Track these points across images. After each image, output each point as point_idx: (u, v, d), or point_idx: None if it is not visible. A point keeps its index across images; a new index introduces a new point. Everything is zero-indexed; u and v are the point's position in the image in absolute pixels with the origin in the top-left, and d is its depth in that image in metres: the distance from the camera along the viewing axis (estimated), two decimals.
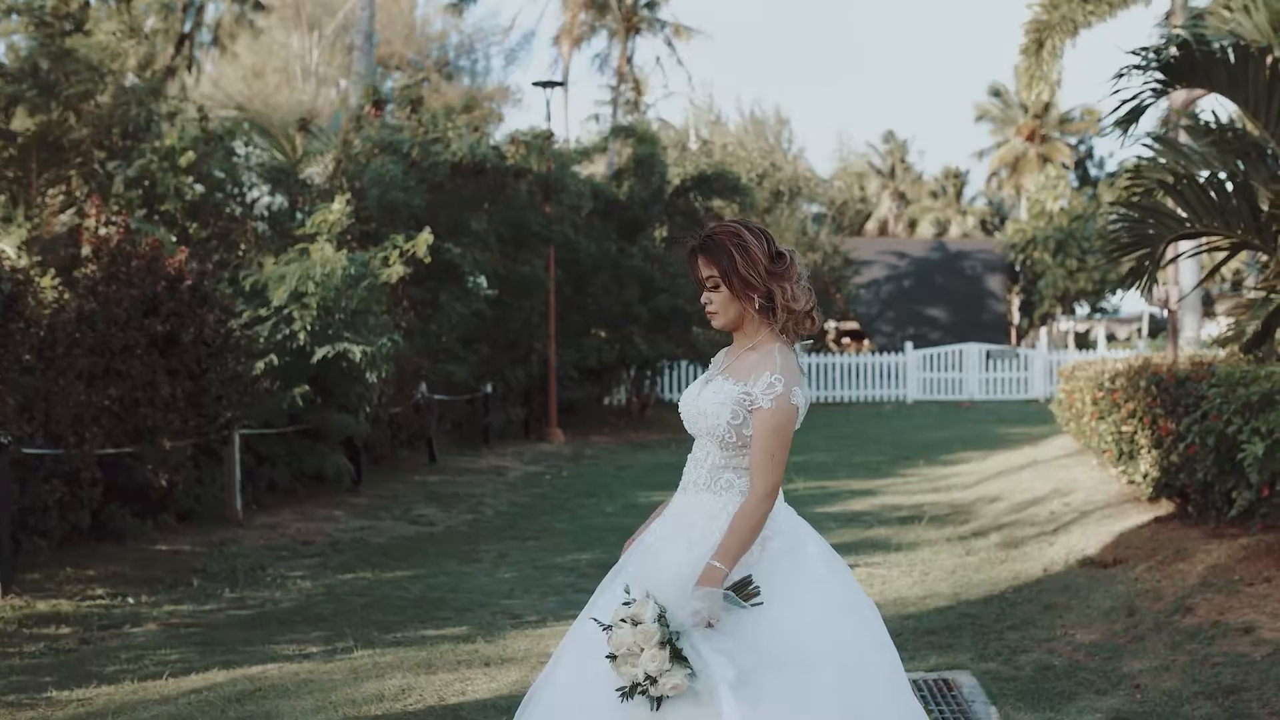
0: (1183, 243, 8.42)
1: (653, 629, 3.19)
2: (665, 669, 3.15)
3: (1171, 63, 7.28)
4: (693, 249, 3.65)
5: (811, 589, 3.53)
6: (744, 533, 3.44)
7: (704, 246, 3.60)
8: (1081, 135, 49.48)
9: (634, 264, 21.91)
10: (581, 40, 31.79)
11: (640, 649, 3.17)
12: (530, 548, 10.35)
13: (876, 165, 53.20)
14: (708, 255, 3.59)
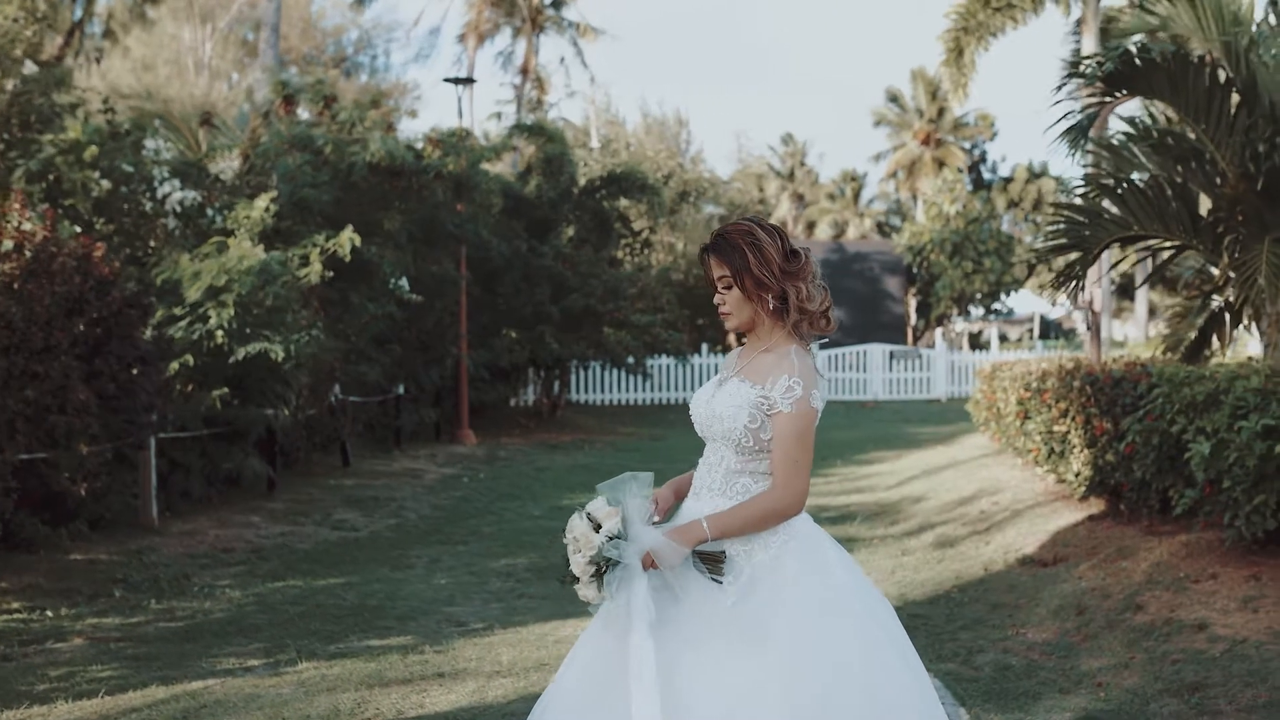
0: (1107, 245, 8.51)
1: (595, 541, 3.27)
2: (585, 579, 3.30)
3: (1114, 72, 7.37)
4: (704, 248, 3.54)
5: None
6: (752, 517, 3.34)
7: (716, 245, 3.49)
8: (975, 140, 50.52)
9: (545, 263, 21.70)
10: (487, 37, 31.43)
11: (579, 550, 3.30)
12: (462, 552, 10.13)
13: (775, 167, 53.64)
14: (720, 254, 3.47)
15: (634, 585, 3.29)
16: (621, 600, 3.30)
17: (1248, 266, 7.24)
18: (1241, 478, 6.59)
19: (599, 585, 3.30)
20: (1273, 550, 6.98)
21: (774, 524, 3.38)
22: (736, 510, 3.36)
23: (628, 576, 3.28)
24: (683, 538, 3.31)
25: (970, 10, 15.46)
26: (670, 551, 3.29)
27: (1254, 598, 6.44)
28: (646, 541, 3.29)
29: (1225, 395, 6.78)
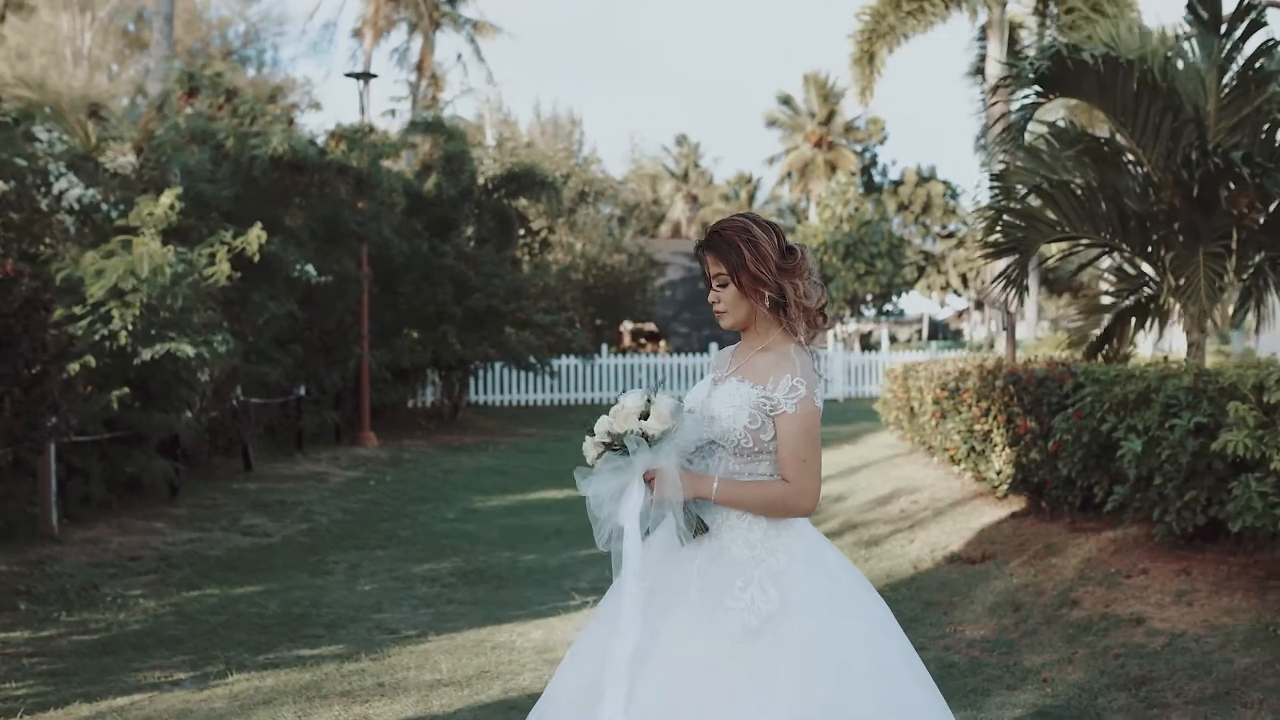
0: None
1: (631, 424, 3.26)
2: (595, 442, 3.30)
3: (1047, 74, 7.47)
4: (699, 245, 3.45)
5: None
6: (760, 500, 3.26)
7: (711, 242, 3.41)
8: (866, 143, 51.33)
9: (447, 263, 21.39)
10: (384, 33, 30.93)
11: (614, 418, 3.29)
12: (381, 557, 9.88)
13: (670, 168, 53.84)
14: (715, 251, 3.39)
15: (629, 496, 3.24)
16: (610, 492, 3.28)
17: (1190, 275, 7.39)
18: (1173, 474, 6.72)
19: (598, 455, 3.28)
20: (1199, 545, 7.13)
21: (779, 514, 3.29)
22: (749, 487, 3.28)
23: (626, 475, 3.24)
24: (689, 482, 3.25)
25: (881, 13, 15.65)
26: (673, 484, 3.23)
27: (1187, 591, 6.57)
28: (662, 460, 3.23)
29: (1156, 394, 6.91)
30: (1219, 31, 7.68)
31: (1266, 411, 6.10)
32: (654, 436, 3.25)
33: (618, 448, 3.26)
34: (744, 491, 3.29)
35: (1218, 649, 5.76)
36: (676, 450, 3.28)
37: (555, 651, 6.78)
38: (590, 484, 3.31)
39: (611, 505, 3.30)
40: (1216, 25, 7.70)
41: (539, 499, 13.34)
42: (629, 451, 3.24)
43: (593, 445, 3.30)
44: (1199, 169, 7.23)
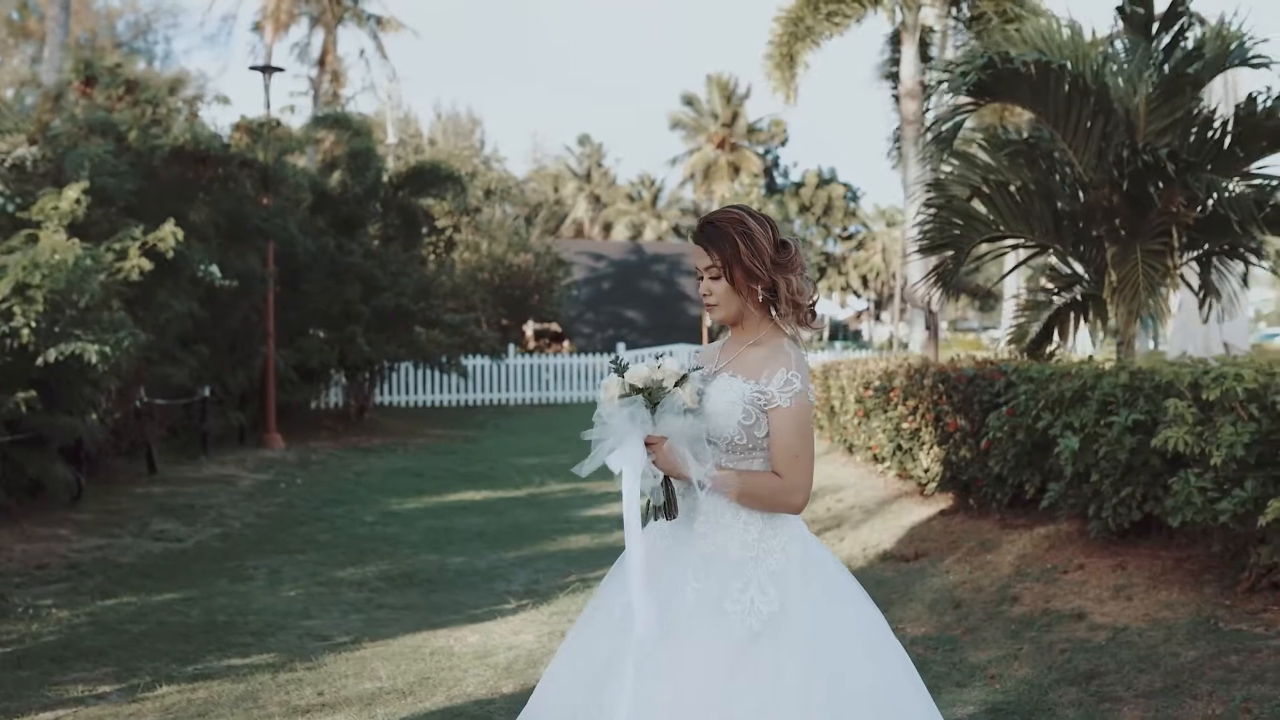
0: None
1: (653, 376, 3.22)
2: (615, 381, 3.27)
3: (981, 80, 7.53)
4: (693, 236, 3.37)
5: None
6: (752, 490, 3.19)
7: (704, 233, 3.33)
8: (768, 145, 51.75)
9: (354, 261, 21.00)
10: (286, 27, 30.27)
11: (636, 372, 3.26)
12: (303, 562, 9.60)
13: (573, 168, 53.69)
14: (709, 243, 3.31)
15: (633, 447, 3.19)
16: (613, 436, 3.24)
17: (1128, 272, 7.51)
18: (1110, 471, 6.82)
19: (621, 395, 3.24)
20: (1132, 540, 7.25)
21: (770, 509, 3.23)
22: (744, 475, 3.20)
23: (640, 427, 3.19)
24: (687, 461, 3.19)
25: (799, 15, 15.73)
26: (671, 453, 3.18)
27: (1124, 586, 6.66)
28: (667, 424, 3.18)
29: (1092, 391, 7.00)
30: (1148, 35, 7.84)
31: (1203, 409, 6.20)
32: (683, 407, 3.20)
33: (641, 400, 3.20)
34: (738, 480, 3.21)
35: (1162, 642, 5.84)
36: (688, 434, 3.21)
37: (495, 656, 6.64)
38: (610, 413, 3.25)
39: (614, 441, 3.22)
40: (1146, 29, 7.85)
41: (458, 501, 13.13)
42: (648, 406, 3.18)
43: (618, 384, 3.24)
44: (1129, 167, 7.36)
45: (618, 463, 3.21)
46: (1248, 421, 5.95)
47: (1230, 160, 7.66)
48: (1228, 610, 6.04)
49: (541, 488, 14.13)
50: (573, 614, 7.56)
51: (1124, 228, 7.75)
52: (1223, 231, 7.72)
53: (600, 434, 3.27)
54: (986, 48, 7.72)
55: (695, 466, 3.20)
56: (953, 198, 8.13)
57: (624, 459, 3.20)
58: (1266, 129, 7.48)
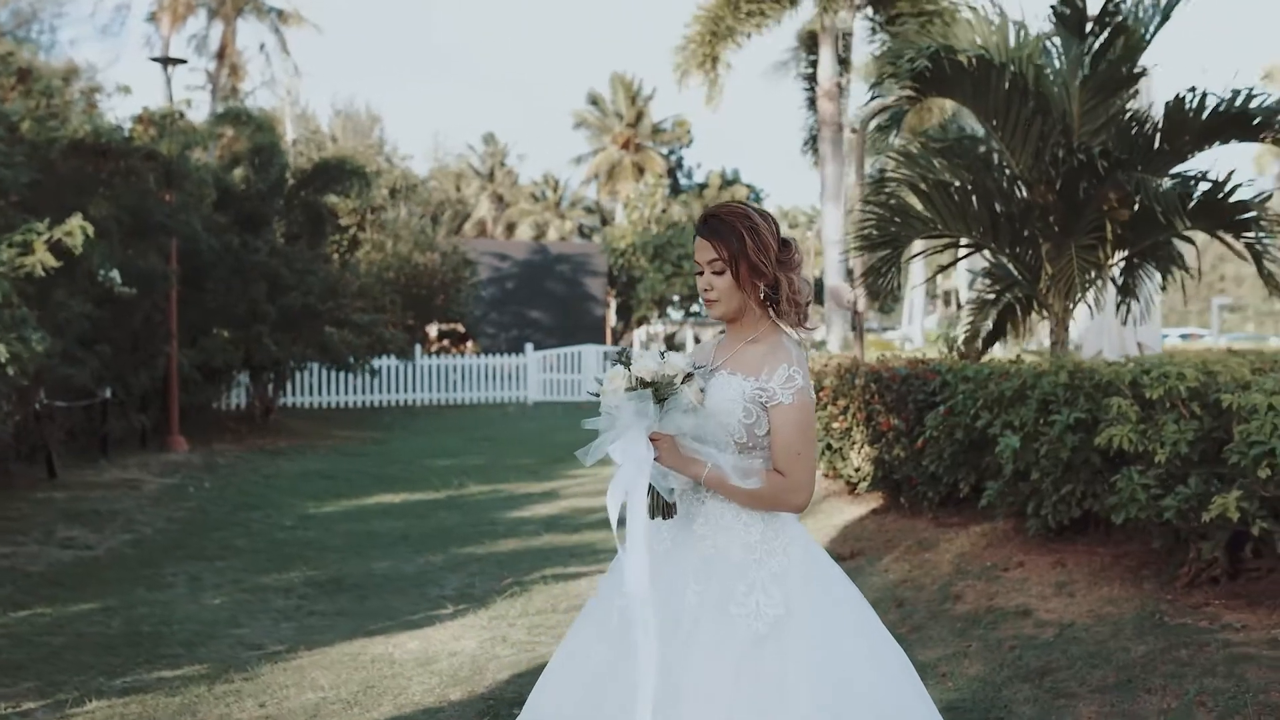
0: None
1: (659, 370, 3.13)
2: (620, 372, 3.15)
3: (925, 73, 7.58)
4: (698, 229, 3.29)
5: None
6: (761, 492, 3.10)
7: (711, 227, 3.24)
8: (672, 146, 51.88)
9: (259, 259, 20.48)
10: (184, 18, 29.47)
11: (643, 363, 3.16)
12: (223, 569, 9.30)
13: (476, 167, 53.24)
14: (715, 236, 3.22)
15: (637, 442, 3.08)
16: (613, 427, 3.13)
17: (1062, 268, 7.61)
18: (1050, 469, 6.89)
19: (626, 387, 3.12)
20: (1069, 537, 7.35)
21: (771, 508, 3.16)
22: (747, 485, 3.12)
23: (645, 421, 3.08)
24: (684, 458, 3.12)
25: (719, 14, 15.73)
26: (673, 450, 3.11)
27: (1066, 583, 6.74)
28: (673, 420, 3.10)
29: (1032, 390, 7.07)
30: (1081, 35, 7.96)
31: (1145, 407, 6.30)
32: (690, 404, 3.13)
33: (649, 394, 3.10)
34: (737, 486, 3.14)
35: (1110, 638, 5.91)
36: (693, 432, 3.15)
37: (438, 662, 6.48)
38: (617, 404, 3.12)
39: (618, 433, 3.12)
40: (1080, 30, 7.98)
41: (376, 504, 12.87)
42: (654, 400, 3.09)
43: (624, 376, 3.13)
44: (1064, 166, 7.46)
45: (621, 454, 3.11)
46: (1190, 419, 6.05)
47: (1160, 158, 7.83)
48: (1170, 605, 6.13)
49: (461, 490, 13.92)
50: (512, 618, 7.44)
51: (1059, 225, 7.87)
52: (1150, 230, 7.89)
53: (606, 424, 3.16)
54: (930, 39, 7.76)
55: (701, 464, 3.12)
56: (893, 195, 8.17)
57: (628, 451, 3.10)
58: (1193, 127, 7.65)
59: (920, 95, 7.93)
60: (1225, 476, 5.86)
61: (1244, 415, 5.64)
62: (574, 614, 7.52)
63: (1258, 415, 5.54)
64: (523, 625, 7.26)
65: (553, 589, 8.30)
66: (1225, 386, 5.92)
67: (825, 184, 16.79)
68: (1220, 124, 7.55)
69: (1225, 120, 7.52)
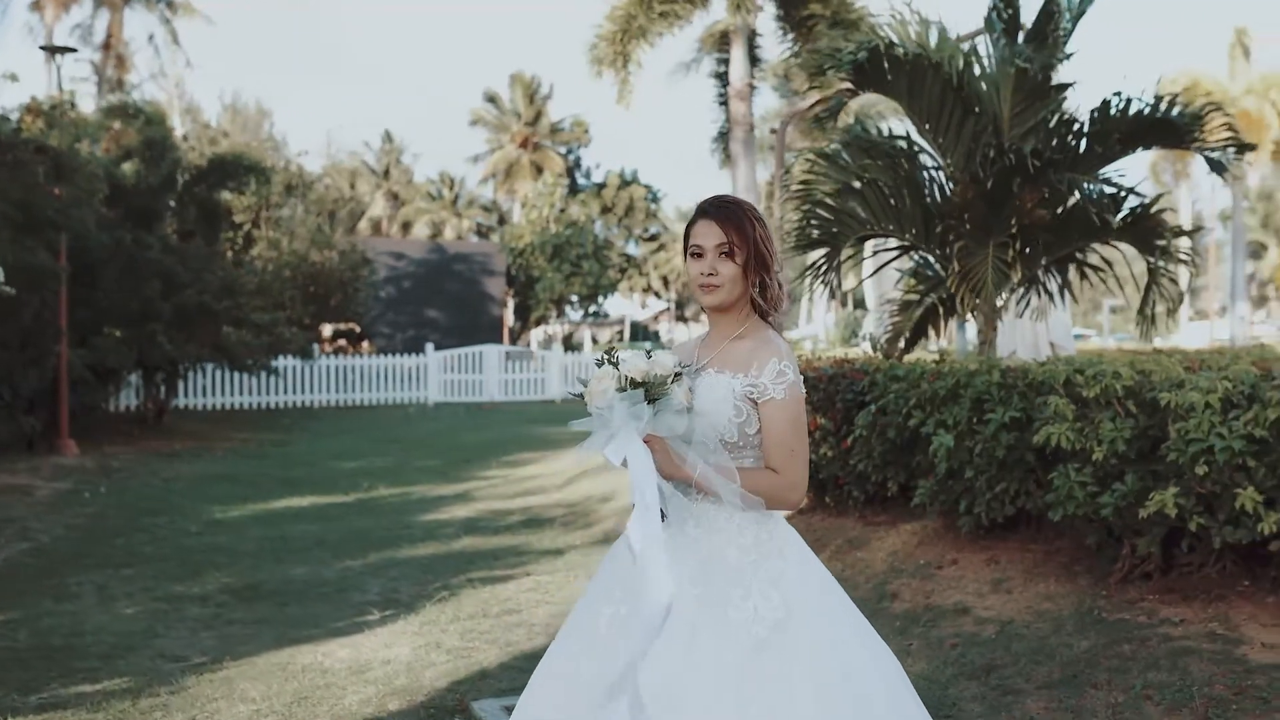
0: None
1: (649, 370, 3.04)
2: (608, 373, 3.07)
3: (864, 67, 7.59)
4: (705, 211, 3.19)
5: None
6: (758, 491, 3.03)
7: (724, 211, 3.17)
8: (571, 145, 51.72)
9: (152, 256, 19.85)
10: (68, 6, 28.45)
11: (632, 363, 3.07)
12: (132, 577, 8.94)
13: (370, 165, 52.43)
14: (728, 220, 3.15)
15: (626, 441, 2.99)
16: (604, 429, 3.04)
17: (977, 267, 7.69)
18: (984, 467, 6.96)
19: (616, 389, 3.02)
20: (1000, 534, 7.43)
21: (762, 507, 3.07)
22: (743, 473, 3.04)
23: (639, 424, 2.99)
24: (675, 459, 3.03)
25: (631, 13, 15.65)
26: (665, 452, 3.02)
27: (1002, 580, 6.81)
28: (664, 422, 3.00)
29: (965, 390, 7.13)
30: (1014, 40, 8.06)
31: (1080, 405, 6.39)
32: (681, 405, 3.04)
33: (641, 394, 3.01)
34: (708, 484, 3.05)
35: (1051, 634, 5.97)
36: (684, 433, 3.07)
37: (372, 671, 6.30)
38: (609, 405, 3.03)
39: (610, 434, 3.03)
40: (1013, 35, 8.08)
41: (286, 507, 12.53)
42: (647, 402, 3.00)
43: (614, 376, 3.03)
44: (995, 167, 7.56)
45: (617, 454, 3.00)
46: (1125, 417, 6.15)
47: (1087, 161, 7.96)
48: (1107, 601, 6.22)
49: (370, 493, 13.64)
50: (444, 624, 7.27)
51: (980, 226, 7.96)
52: (1076, 234, 8.03)
53: (598, 425, 3.06)
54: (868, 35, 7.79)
55: (696, 466, 3.04)
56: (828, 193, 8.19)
57: (624, 451, 3.00)
58: (1118, 132, 7.80)
59: (857, 90, 7.96)
60: (1161, 474, 5.96)
61: (1181, 413, 5.74)
62: (506, 618, 7.42)
63: (1196, 413, 5.64)
64: (455, 631, 7.10)
65: (481, 593, 8.15)
66: (1161, 385, 6.02)
67: (736, 183, 16.82)
68: (1144, 130, 7.72)
69: (1149, 126, 7.69)
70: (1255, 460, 5.50)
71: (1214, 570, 6.13)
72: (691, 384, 3.14)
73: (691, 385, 3.12)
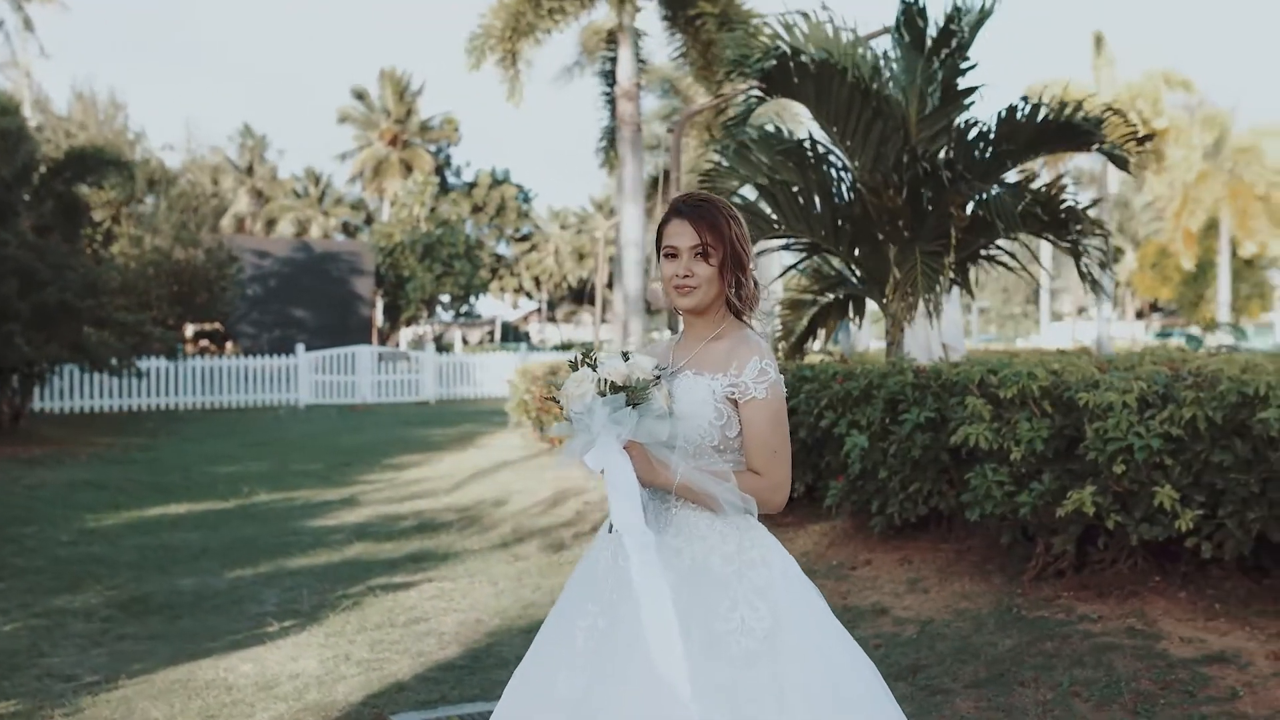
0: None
1: (630, 374, 2.95)
2: (590, 378, 2.97)
3: (772, 73, 7.58)
4: (679, 210, 3.08)
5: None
6: (719, 497, 2.93)
7: (700, 211, 3.07)
8: (441, 144, 51.05)
9: (8, 253, 18.90)
10: None
11: (612, 368, 2.98)
12: (5, 591, 8.42)
13: (233, 160, 50.97)
14: (703, 219, 3.05)
15: (605, 447, 2.89)
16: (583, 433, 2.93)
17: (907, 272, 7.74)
18: (898, 467, 7.00)
19: (596, 393, 2.91)
20: (911, 534, 7.49)
21: (762, 509, 2.98)
22: (711, 481, 2.94)
23: (623, 429, 2.88)
24: (656, 466, 2.93)
25: (518, 10, 15.43)
26: (644, 458, 2.92)
27: (917, 580, 6.85)
28: (646, 427, 2.90)
29: (878, 390, 7.16)
30: (923, 50, 8.15)
31: (996, 406, 6.46)
32: (657, 410, 2.94)
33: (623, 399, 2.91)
34: (711, 484, 2.95)
35: (973, 633, 6.02)
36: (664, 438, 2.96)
37: (280, 686, 6.04)
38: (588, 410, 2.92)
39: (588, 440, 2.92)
40: (921, 44, 8.17)
41: (162, 515, 12.01)
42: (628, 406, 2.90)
43: (593, 379, 2.93)
44: (909, 172, 7.62)
45: (597, 462, 2.88)
46: (1041, 417, 6.24)
47: (994, 164, 8.09)
48: (1023, 599, 6.30)
49: (250, 498, 13.17)
50: (351, 635, 7.02)
51: (906, 229, 8.03)
52: (984, 233, 8.15)
53: (578, 430, 2.93)
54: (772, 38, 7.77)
55: (678, 471, 2.93)
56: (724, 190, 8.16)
57: (603, 459, 2.89)
58: (1024, 135, 7.95)
59: (767, 95, 7.95)
60: (1077, 473, 6.07)
61: (1099, 413, 5.84)
62: (415, 628, 7.21)
63: (1114, 412, 5.74)
64: (363, 642, 6.86)
65: (384, 601, 7.90)
66: (1077, 385, 6.12)
67: (624, 184, 16.72)
68: (1049, 134, 7.89)
69: (1054, 130, 7.85)
70: (1172, 459, 5.62)
71: (1125, 566, 6.26)
72: (670, 387, 3.03)
73: (670, 388, 3.01)
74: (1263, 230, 37.27)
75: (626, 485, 2.90)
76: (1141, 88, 32.95)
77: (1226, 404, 5.44)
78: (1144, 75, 34.19)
